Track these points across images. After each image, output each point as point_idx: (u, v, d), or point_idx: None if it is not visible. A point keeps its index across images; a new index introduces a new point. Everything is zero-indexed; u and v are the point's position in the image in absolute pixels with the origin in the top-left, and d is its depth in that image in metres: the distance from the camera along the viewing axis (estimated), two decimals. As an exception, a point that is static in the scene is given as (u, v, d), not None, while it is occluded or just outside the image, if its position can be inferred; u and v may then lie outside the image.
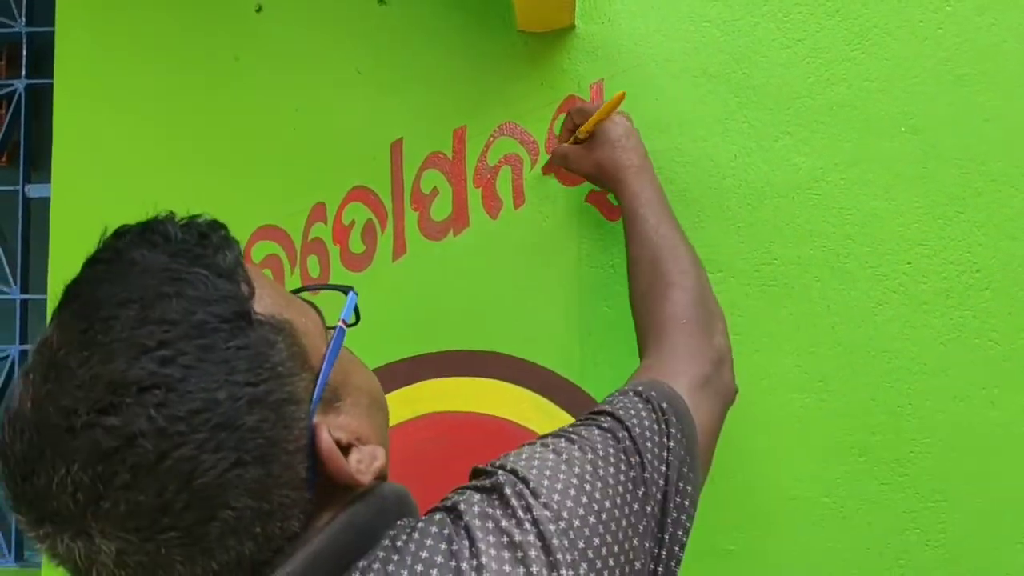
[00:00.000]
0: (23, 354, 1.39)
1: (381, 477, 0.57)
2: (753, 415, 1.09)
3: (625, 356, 1.13)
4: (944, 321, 1.07)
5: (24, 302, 1.38)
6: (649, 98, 1.14)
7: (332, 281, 1.18)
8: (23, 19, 1.37)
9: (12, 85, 1.37)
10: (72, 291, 0.50)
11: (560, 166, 1.11)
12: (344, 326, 0.58)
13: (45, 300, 1.31)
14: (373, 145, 1.20)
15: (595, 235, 1.15)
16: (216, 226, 0.54)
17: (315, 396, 0.52)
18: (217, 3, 1.24)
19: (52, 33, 1.28)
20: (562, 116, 1.15)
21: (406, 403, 1.16)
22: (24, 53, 1.37)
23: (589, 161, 1.04)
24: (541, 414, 1.13)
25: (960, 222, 1.08)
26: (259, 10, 1.23)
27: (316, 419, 0.52)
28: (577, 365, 1.14)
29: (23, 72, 1.36)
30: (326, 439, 0.51)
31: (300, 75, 1.22)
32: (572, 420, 1.13)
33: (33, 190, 1.38)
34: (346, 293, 0.62)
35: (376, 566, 0.51)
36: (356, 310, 0.63)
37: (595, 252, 1.14)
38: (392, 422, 1.19)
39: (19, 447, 0.45)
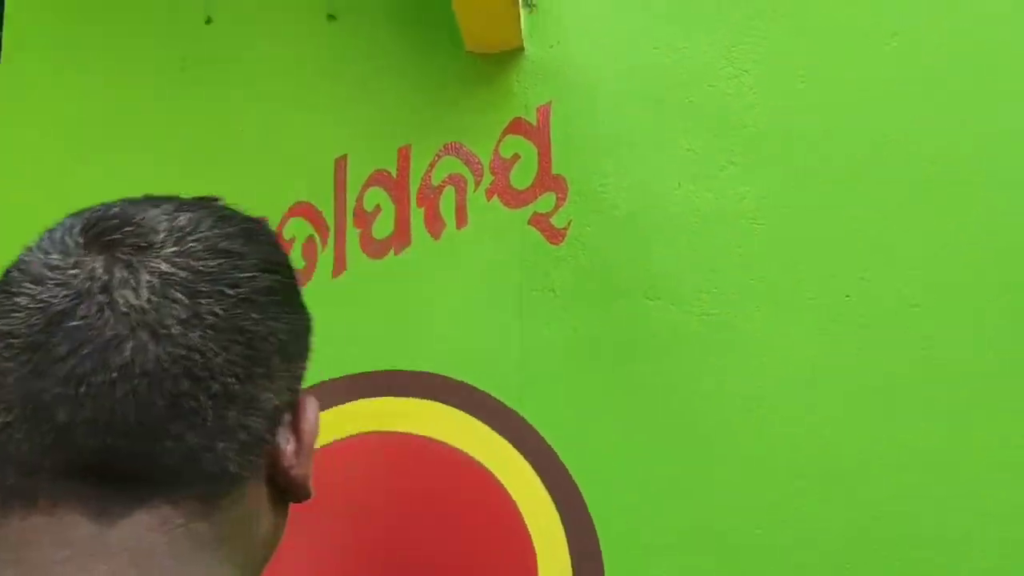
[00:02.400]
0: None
1: (274, 541, 0.50)
2: (691, 442, 1.08)
3: (563, 382, 1.11)
4: (888, 347, 1.06)
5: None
6: (595, 121, 1.14)
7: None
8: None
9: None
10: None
11: None
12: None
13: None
14: (317, 161, 1.19)
15: (537, 259, 1.13)
16: None
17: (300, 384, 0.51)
18: (166, 13, 1.23)
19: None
20: (508, 137, 1.15)
21: (343, 421, 1.13)
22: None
23: None
24: (476, 438, 1.11)
25: (901, 258, 1.07)
26: (208, 22, 1.22)
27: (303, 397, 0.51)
28: (515, 390, 1.12)
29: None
30: (313, 406, 0.50)
31: (247, 88, 1.22)
32: (507, 444, 1.13)
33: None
34: None
35: None
36: None
37: (536, 276, 1.13)
38: (327, 440, 1.19)
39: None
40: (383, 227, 1.17)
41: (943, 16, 1.08)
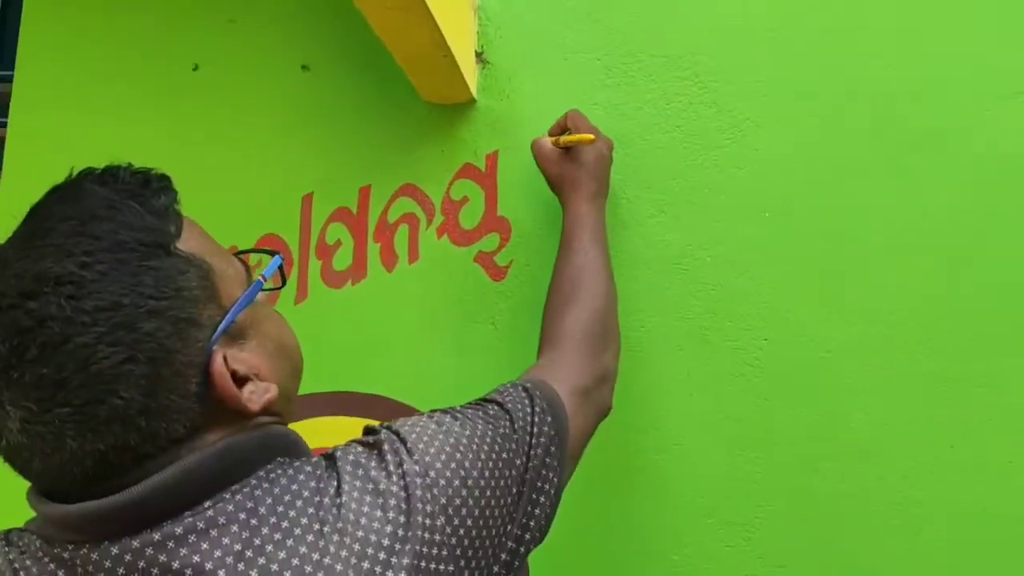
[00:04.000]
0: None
1: (273, 413, 0.65)
2: (613, 471, 1.16)
3: (498, 408, 1.20)
4: (796, 396, 1.14)
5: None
6: (538, 169, 1.23)
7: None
8: (-10, 63, 1.51)
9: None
10: (32, 209, 0.60)
11: (535, 158, 1.12)
12: (262, 279, 0.67)
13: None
14: (286, 197, 1.30)
15: (480, 293, 1.23)
16: (162, 177, 0.65)
17: (220, 326, 0.60)
18: (158, 61, 1.36)
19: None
20: (459, 181, 1.25)
21: (295, 439, 1.23)
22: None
23: (555, 167, 1.10)
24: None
25: (815, 303, 1.15)
26: (196, 69, 1.35)
27: (216, 347, 0.60)
28: (453, 413, 1.21)
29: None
30: (219, 363, 0.59)
31: (228, 129, 1.33)
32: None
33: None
34: (272, 255, 0.73)
35: (245, 491, 0.59)
36: (281, 273, 0.74)
37: (478, 310, 1.23)
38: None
39: None
40: (342, 260, 1.27)
41: (854, 76, 1.16)
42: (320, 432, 1.23)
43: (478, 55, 1.25)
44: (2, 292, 0.54)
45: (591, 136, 1.08)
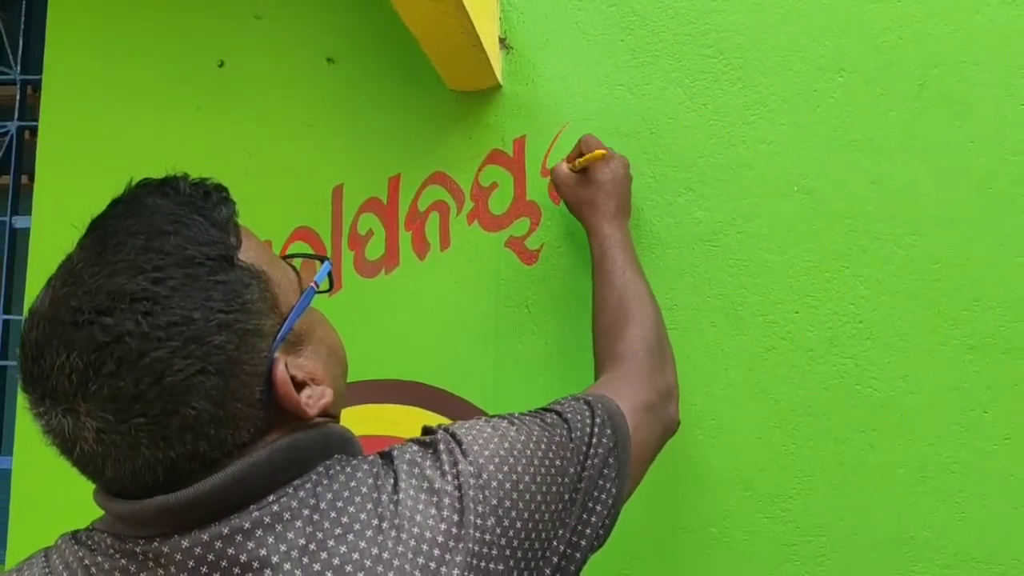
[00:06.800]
0: (2, 370, 1.52)
1: (328, 415, 0.69)
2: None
3: (534, 390, 1.22)
4: (828, 367, 1.15)
5: (6, 322, 1.51)
6: (565, 152, 1.24)
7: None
8: (18, 67, 1.52)
9: (5, 127, 1.51)
10: (96, 222, 0.62)
11: (553, 184, 1.16)
12: (315, 287, 0.70)
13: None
14: (317, 190, 1.32)
15: (513, 278, 1.25)
16: (220, 188, 0.68)
17: (279, 335, 0.63)
18: (184, 58, 1.37)
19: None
20: (487, 167, 1.26)
21: (336, 426, 1.25)
22: (18, 98, 1.51)
23: (573, 192, 1.12)
24: (456, 441, 1.23)
25: (845, 276, 1.16)
26: (221, 65, 1.36)
27: (277, 354, 0.62)
28: (490, 397, 1.23)
29: (16, 115, 1.51)
30: (281, 370, 0.62)
31: (255, 124, 1.35)
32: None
33: (19, 221, 1.52)
34: (322, 262, 0.76)
35: (307, 486, 0.62)
36: (330, 279, 0.76)
37: (512, 293, 1.24)
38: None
39: (34, 335, 0.57)
40: (375, 249, 1.29)
41: (885, 47, 1.17)
42: (358, 420, 1.25)
43: (502, 41, 1.25)
44: (77, 308, 0.55)
45: (602, 152, 1.09)
